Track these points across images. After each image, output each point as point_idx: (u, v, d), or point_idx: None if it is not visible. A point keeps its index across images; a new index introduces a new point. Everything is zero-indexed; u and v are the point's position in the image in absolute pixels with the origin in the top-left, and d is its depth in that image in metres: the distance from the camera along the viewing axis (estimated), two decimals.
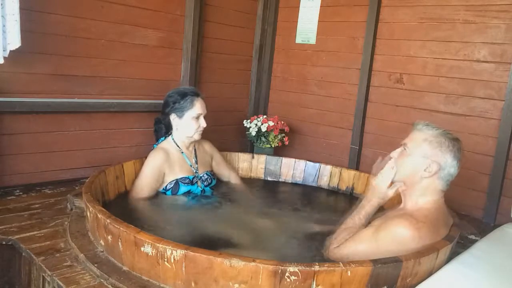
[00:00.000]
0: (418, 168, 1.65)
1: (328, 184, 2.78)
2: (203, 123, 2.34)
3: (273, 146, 3.14)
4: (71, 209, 2.05)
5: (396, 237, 1.54)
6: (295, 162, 2.89)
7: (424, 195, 1.67)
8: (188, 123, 2.33)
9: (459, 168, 1.66)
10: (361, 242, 1.62)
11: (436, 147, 1.64)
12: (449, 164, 1.63)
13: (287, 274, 1.33)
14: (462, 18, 2.58)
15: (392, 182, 1.73)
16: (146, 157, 2.31)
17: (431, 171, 1.63)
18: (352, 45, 3.08)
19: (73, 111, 2.47)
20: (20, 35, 2.03)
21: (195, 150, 2.46)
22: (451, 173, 1.65)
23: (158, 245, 1.42)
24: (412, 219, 1.56)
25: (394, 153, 1.75)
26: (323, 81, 3.26)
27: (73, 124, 2.49)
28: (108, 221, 1.56)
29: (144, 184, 2.23)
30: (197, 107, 2.33)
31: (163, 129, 2.43)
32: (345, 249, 1.66)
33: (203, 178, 2.41)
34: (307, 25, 3.31)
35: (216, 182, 2.53)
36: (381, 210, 1.82)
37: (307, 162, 2.87)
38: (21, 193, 2.25)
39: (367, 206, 1.78)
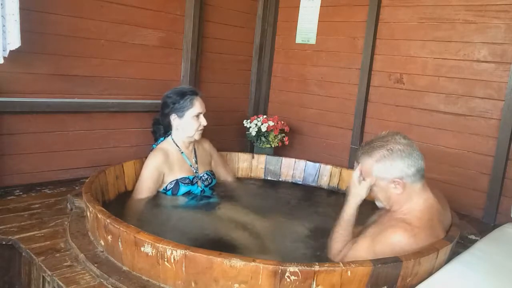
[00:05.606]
0: (389, 191, 1.64)
1: (328, 184, 2.78)
2: (203, 121, 2.35)
3: (273, 146, 3.14)
4: (71, 209, 2.05)
5: (394, 247, 1.51)
6: (295, 162, 2.88)
7: (410, 200, 1.63)
8: (188, 122, 2.33)
9: (417, 159, 1.60)
10: (359, 257, 1.57)
11: (382, 165, 1.62)
12: (404, 168, 1.60)
13: (287, 274, 1.33)
14: (462, 18, 2.58)
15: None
16: (146, 157, 2.31)
17: (399, 185, 1.61)
18: (352, 45, 3.08)
19: (73, 111, 2.47)
20: (20, 35, 2.03)
21: (194, 149, 2.46)
22: (417, 169, 1.60)
23: (158, 245, 1.42)
24: (407, 225, 1.54)
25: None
26: (323, 81, 3.26)
27: (73, 124, 2.49)
28: (108, 221, 1.56)
29: (144, 187, 2.22)
30: (197, 106, 2.33)
31: (162, 130, 2.44)
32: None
33: (203, 178, 2.41)
34: (307, 25, 3.31)
35: (216, 182, 2.53)
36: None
37: (307, 162, 2.86)
38: (21, 193, 2.24)
39: (348, 208, 1.77)
